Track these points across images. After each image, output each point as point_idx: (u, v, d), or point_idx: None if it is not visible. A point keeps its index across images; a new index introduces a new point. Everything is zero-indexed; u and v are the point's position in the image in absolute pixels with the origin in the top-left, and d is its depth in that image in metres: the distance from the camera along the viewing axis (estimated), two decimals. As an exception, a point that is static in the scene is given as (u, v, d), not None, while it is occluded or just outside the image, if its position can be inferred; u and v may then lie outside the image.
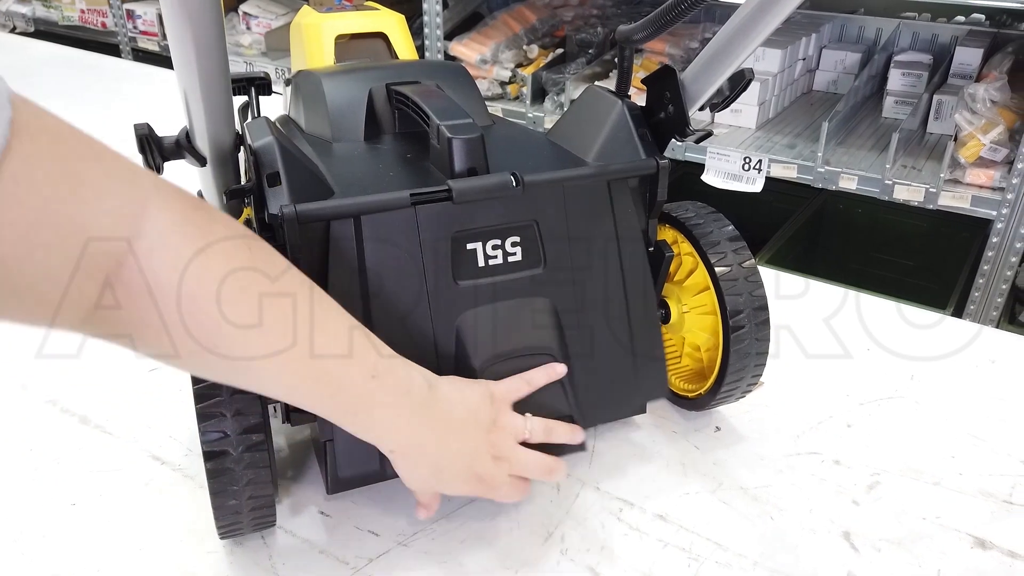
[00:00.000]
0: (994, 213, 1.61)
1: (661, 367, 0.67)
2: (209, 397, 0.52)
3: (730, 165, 1.82)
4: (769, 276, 0.97)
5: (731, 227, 0.68)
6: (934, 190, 1.63)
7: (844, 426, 0.73)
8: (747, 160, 1.80)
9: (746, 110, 1.90)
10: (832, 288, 0.94)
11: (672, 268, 0.71)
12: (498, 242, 0.59)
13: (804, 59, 2.05)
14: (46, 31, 3.11)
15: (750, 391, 0.71)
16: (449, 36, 2.23)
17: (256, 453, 0.53)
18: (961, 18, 2.05)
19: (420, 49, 2.22)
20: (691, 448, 0.70)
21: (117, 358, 0.81)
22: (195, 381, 0.52)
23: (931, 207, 1.66)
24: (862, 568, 0.59)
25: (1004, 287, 1.65)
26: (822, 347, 0.84)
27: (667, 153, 0.64)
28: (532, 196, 0.59)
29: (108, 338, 0.39)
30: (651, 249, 0.65)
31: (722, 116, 1.94)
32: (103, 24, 2.97)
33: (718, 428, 0.73)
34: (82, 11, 3.00)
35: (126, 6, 2.87)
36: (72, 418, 0.73)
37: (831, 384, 0.79)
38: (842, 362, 0.83)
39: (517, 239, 0.60)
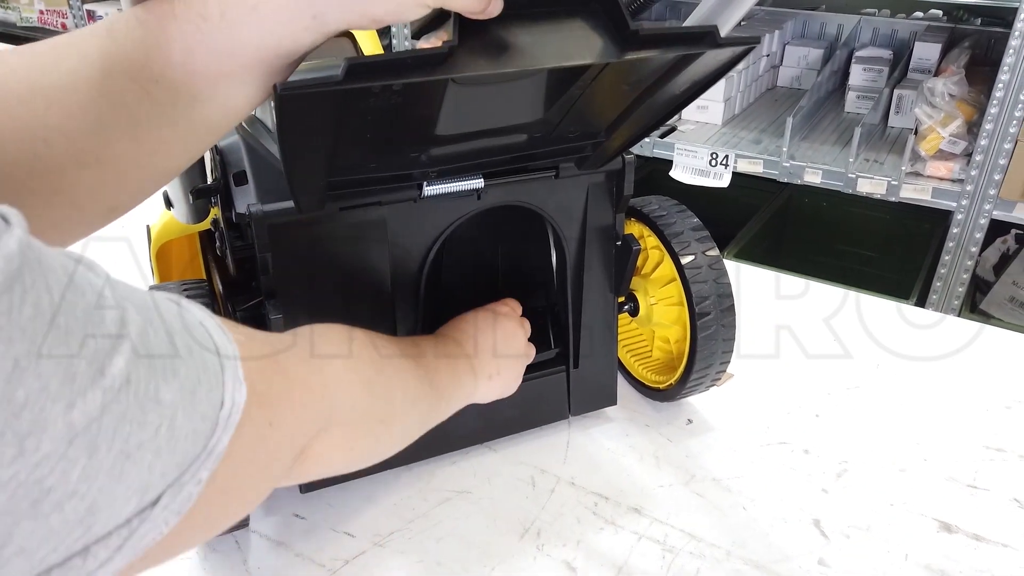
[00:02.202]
0: (954, 204, 1.64)
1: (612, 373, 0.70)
2: None
3: (697, 161, 1.84)
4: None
5: (695, 219, 0.69)
6: (896, 183, 1.66)
7: (812, 416, 0.75)
8: (714, 156, 1.82)
9: (712, 106, 1.92)
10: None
11: (639, 262, 0.71)
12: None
13: (768, 55, 2.08)
14: (5, 32, 3.04)
15: (719, 380, 0.72)
16: (416, 35, 2.21)
17: None
18: (919, 14, 2.09)
19: (387, 48, 2.21)
20: (664, 441, 0.71)
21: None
22: None
23: (893, 199, 1.69)
24: (832, 554, 0.60)
25: (965, 276, 1.69)
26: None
27: (634, 149, 0.64)
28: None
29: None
30: (618, 243, 0.66)
31: (689, 112, 1.96)
32: (63, 25, 2.91)
33: (690, 420, 0.74)
34: (41, 12, 2.94)
35: (87, 7, 2.82)
36: (37, 426, 0.72)
37: (799, 375, 0.80)
38: (812, 353, 0.84)
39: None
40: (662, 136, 0.66)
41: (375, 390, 0.46)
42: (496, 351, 0.61)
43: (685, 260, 0.66)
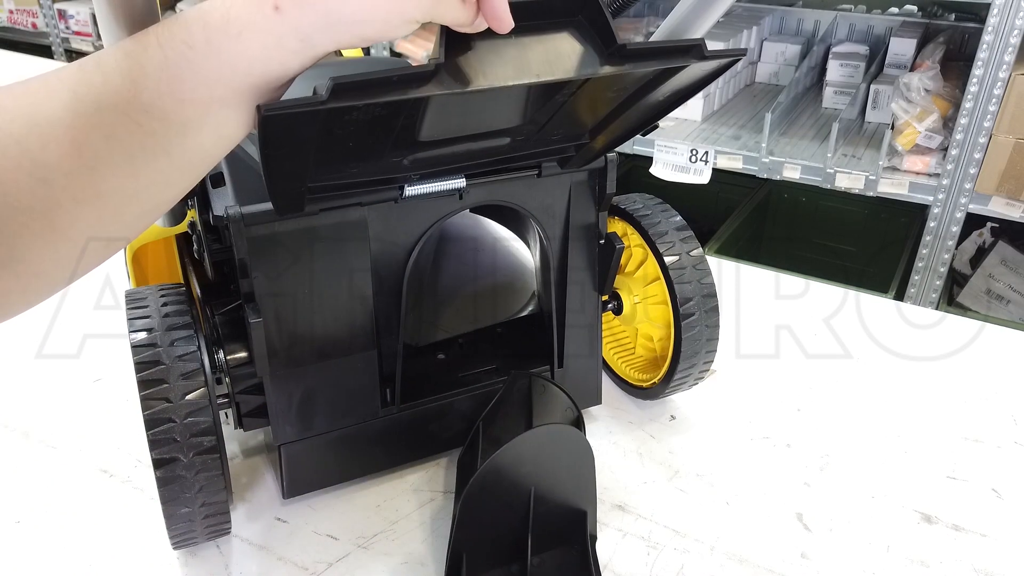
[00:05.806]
0: (931, 198, 1.66)
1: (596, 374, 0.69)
2: (157, 403, 0.50)
3: (677, 157, 1.85)
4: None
5: (679, 217, 0.69)
6: (873, 177, 1.68)
7: (794, 410, 0.75)
8: (694, 152, 1.82)
9: (691, 103, 1.93)
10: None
11: (623, 260, 0.71)
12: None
13: (746, 51, 2.09)
14: (-27, 33, 2.99)
15: (702, 379, 0.72)
16: (394, 33, 2.21)
17: (208, 458, 0.52)
18: (895, 9, 2.11)
19: (364, 51, 2.20)
20: (647, 437, 0.71)
21: (59, 370, 0.79)
22: (142, 387, 0.51)
23: (871, 194, 1.70)
24: (815, 547, 0.60)
25: (942, 270, 1.71)
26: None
27: (615, 146, 0.64)
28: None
29: None
30: (602, 242, 0.66)
31: (668, 109, 1.96)
32: (34, 25, 2.87)
33: (672, 416, 0.74)
34: (11, 11, 2.90)
35: (58, 6, 2.78)
36: (13, 433, 0.71)
37: (780, 369, 0.81)
38: (792, 348, 0.84)
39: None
40: (644, 134, 0.66)
41: None
42: None
43: (669, 260, 0.66)
